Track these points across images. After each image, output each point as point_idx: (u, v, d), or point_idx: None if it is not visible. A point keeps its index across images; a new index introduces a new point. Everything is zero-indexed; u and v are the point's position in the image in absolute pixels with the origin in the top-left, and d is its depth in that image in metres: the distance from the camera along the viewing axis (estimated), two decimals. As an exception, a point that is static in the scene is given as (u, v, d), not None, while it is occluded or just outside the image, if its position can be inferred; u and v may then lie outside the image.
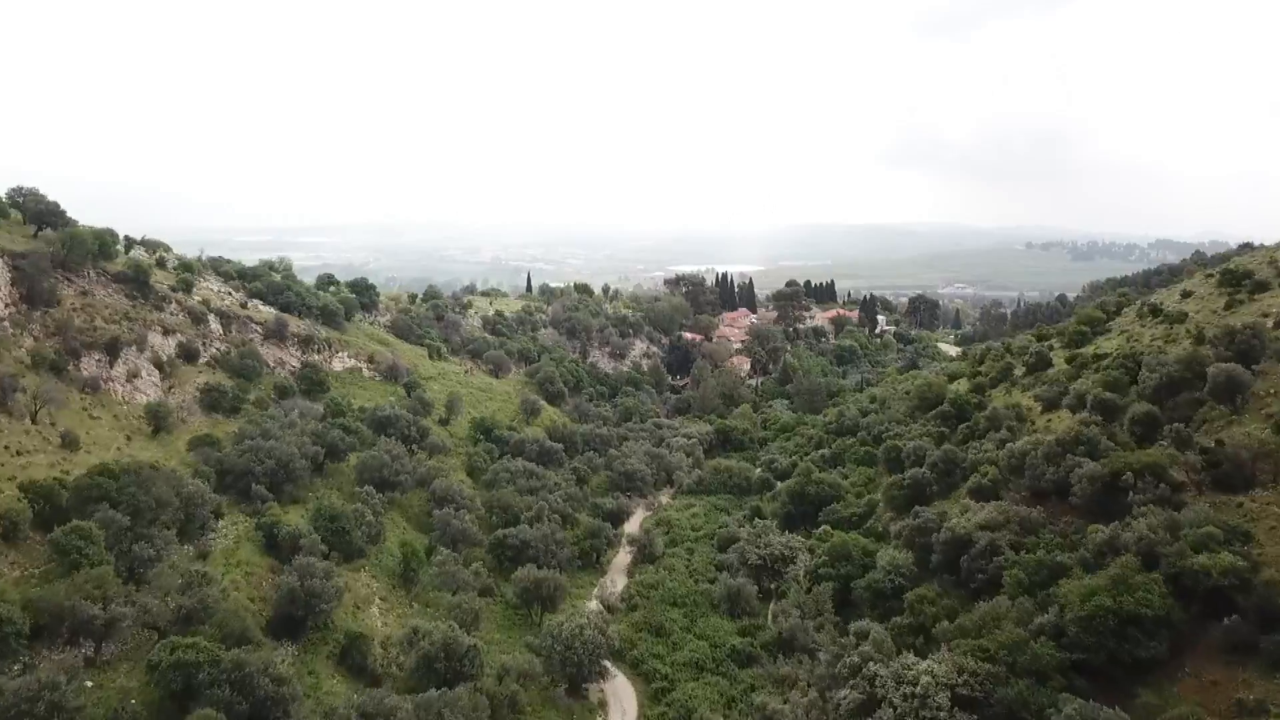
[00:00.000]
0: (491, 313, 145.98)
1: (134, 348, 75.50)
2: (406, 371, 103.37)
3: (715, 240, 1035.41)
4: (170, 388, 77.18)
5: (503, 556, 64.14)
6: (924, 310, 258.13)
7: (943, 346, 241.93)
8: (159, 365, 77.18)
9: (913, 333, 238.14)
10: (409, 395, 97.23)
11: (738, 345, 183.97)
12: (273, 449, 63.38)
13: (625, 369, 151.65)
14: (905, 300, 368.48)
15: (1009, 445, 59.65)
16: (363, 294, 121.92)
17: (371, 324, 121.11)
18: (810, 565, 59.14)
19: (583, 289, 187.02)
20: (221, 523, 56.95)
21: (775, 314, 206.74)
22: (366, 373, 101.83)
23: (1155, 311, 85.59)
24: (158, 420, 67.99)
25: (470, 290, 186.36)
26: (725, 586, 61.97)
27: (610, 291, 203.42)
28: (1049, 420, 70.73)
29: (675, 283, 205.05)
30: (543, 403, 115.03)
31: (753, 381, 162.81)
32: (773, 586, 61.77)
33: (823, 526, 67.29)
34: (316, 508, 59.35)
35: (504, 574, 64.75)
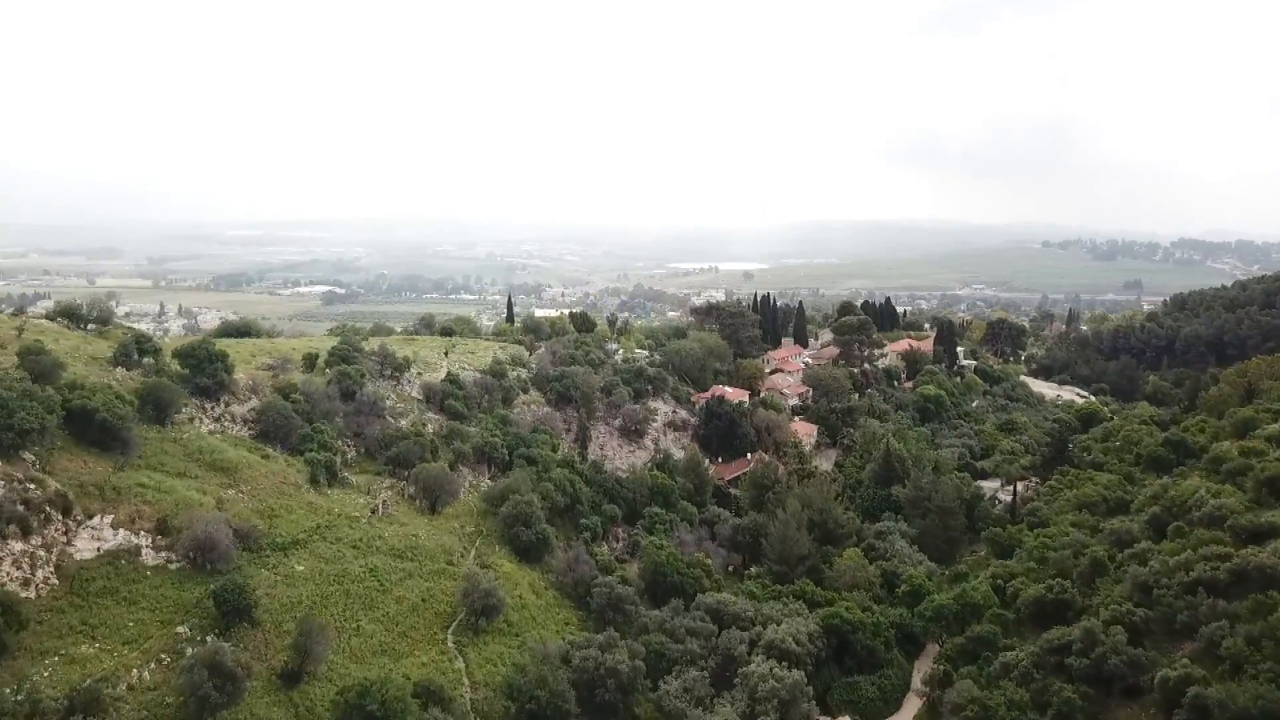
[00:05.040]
0: (442, 375, 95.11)
1: None
2: (230, 548, 52.40)
3: (716, 237, 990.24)
4: None
5: None
6: (1006, 337, 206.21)
7: (1032, 385, 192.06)
8: None
9: (995, 368, 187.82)
10: (222, 613, 46.86)
11: (794, 400, 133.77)
12: None
13: (643, 457, 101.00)
14: (953, 312, 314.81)
15: None
16: (202, 368, 70.30)
17: (216, 421, 69.99)
18: None
19: (582, 323, 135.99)
20: None
21: (835, 349, 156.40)
22: (150, 559, 50.87)
23: None
24: None
25: (427, 324, 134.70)
26: None
27: (618, 323, 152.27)
28: None
29: (706, 313, 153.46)
30: (508, 570, 64.48)
31: (830, 467, 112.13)
32: None
33: None
34: None
35: None
